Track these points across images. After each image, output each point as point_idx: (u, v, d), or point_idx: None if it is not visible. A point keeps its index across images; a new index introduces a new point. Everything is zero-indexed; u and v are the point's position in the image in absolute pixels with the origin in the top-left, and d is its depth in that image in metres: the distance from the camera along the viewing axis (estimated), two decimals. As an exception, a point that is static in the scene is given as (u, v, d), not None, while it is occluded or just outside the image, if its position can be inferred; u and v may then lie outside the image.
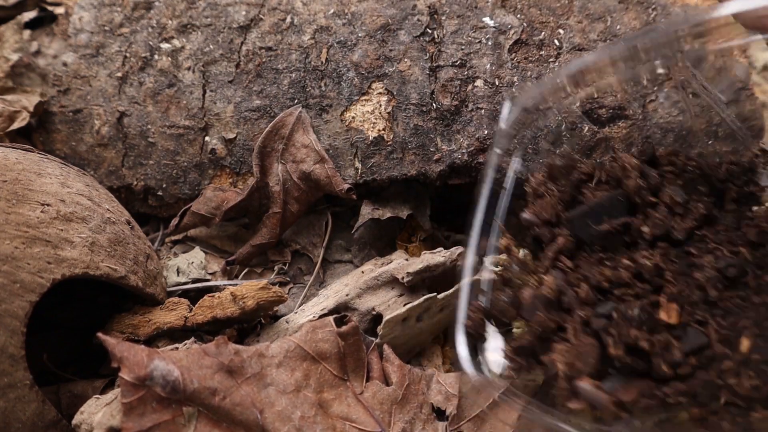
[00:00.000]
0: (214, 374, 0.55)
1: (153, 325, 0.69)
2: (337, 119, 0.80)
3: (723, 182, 0.63)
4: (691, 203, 0.61)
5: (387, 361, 0.65)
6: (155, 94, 0.83)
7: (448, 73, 0.78)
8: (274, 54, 0.82)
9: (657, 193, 0.61)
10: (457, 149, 0.77)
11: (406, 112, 0.78)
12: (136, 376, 0.52)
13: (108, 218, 0.70)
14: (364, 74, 0.80)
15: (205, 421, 0.54)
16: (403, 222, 0.84)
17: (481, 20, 0.80)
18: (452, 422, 0.63)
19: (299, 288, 0.83)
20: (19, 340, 0.57)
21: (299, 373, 0.59)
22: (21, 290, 0.57)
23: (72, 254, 0.62)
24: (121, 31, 0.85)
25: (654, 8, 0.79)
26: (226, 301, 0.69)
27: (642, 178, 0.61)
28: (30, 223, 0.61)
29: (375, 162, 0.79)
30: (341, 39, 0.81)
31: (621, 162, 0.62)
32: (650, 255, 0.58)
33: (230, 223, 0.87)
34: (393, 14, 0.81)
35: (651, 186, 0.61)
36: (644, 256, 0.58)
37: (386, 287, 0.74)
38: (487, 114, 0.77)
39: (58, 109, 0.85)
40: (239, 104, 0.81)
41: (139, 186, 0.84)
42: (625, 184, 0.61)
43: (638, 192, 0.60)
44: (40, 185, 0.65)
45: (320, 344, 0.61)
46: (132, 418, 0.51)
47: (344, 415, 0.59)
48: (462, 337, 0.61)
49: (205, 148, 0.82)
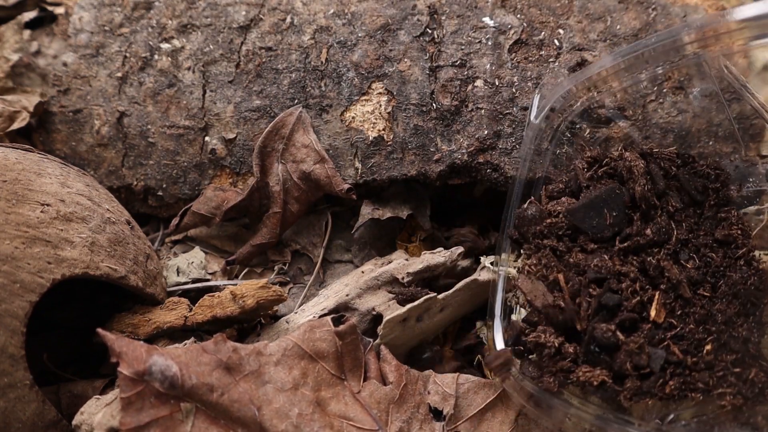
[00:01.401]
0: (213, 371, 0.55)
1: (153, 325, 0.69)
2: (337, 119, 0.80)
3: (703, 189, 0.65)
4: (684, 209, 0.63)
5: (384, 360, 0.65)
6: (155, 94, 0.83)
7: (448, 73, 0.78)
8: (274, 54, 0.82)
9: (660, 197, 0.62)
10: (457, 149, 0.77)
11: (406, 112, 0.78)
12: (135, 371, 0.52)
13: (108, 218, 0.70)
14: (364, 74, 0.80)
15: (203, 417, 0.54)
16: (403, 222, 0.83)
17: (481, 20, 0.80)
18: (449, 422, 0.63)
19: (299, 288, 0.83)
20: (19, 340, 0.57)
21: (297, 372, 0.59)
22: (21, 290, 0.58)
23: (72, 254, 0.62)
24: (121, 31, 0.85)
25: (654, 8, 0.79)
26: (225, 300, 0.69)
27: (648, 183, 0.62)
28: (30, 223, 0.61)
29: (375, 162, 0.79)
30: (341, 39, 0.81)
31: (628, 163, 0.62)
32: (655, 254, 0.60)
33: (230, 223, 0.87)
34: (393, 14, 0.81)
35: (656, 191, 0.62)
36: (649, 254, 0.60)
37: (386, 287, 0.74)
38: (487, 114, 0.77)
39: (58, 109, 0.85)
40: (239, 104, 0.81)
41: (139, 186, 0.84)
42: (631, 187, 0.62)
43: (643, 196, 0.61)
44: (40, 185, 0.65)
45: (318, 343, 0.61)
46: (130, 413, 0.51)
47: (342, 414, 0.59)
48: (499, 335, 0.63)
49: (205, 148, 0.82)
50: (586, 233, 0.62)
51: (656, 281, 0.59)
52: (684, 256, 0.61)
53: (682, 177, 0.64)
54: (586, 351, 0.57)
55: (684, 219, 0.63)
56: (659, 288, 0.59)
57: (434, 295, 0.71)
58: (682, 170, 0.65)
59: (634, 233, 0.61)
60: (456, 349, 0.77)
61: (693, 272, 0.60)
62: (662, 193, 0.63)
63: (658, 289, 0.59)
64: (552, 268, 0.61)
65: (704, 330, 0.58)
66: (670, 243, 0.61)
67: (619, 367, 0.55)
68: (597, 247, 0.62)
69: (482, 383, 0.66)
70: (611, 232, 0.62)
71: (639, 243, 0.60)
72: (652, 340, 0.56)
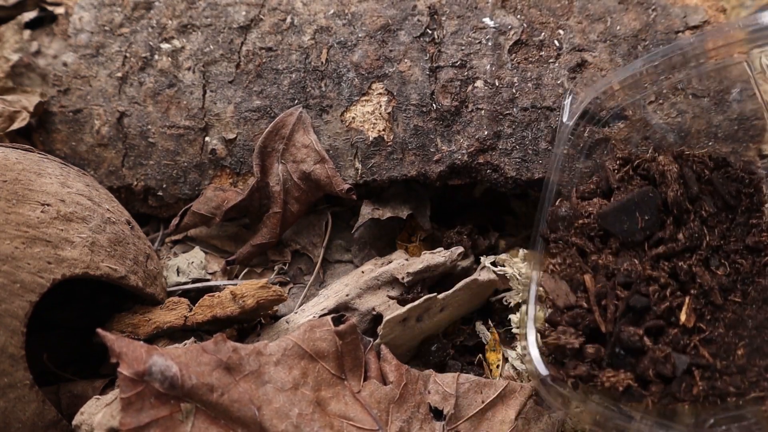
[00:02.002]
0: (213, 371, 0.55)
1: (153, 325, 0.69)
2: (338, 119, 0.80)
3: (736, 194, 0.64)
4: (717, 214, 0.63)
5: (384, 360, 0.65)
6: (155, 94, 0.83)
7: (448, 73, 0.78)
8: (274, 54, 0.82)
9: (693, 202, 0.62)
10: (457, 150, 0.77)
11: (406, 113, 0.79)
12: (135, 372, 0.52)
13: (108, 218, 0.70)
14: (364, 75, 0.80)
15: (203, 417, 0.54)
16: (403, 222, 0.84)
17: (481, 21, 0.80)
18: (449, 422, 0.63)
19: (299, 288, 0.83)
20: (19, 340, 0.57)
21: (297, 371, 0.59)
22: (21, 290, 0.58)
23: (72, 254, 0.62)
24: (121, 31, 0.85)
25: (654, 9, 0.79)
26: (225, 300, 0.69)
27: (681, 187, 0.61)
28: (30, 223, 0.61)
29: (375, 162, 0.79)
30: (341, 39, 0.81)
31: (661, 167, 0.62)
32: (686, 259, 0.60)
33: (230, 223, 0.87)
34: (393, 14, 0.81)
35: (690, 196, 0.62)
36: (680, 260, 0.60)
37: (386, 287, 0.74)
38: (487, 115, 0.77)
39: (58, 109, 0.85)
40: (239, 104, 0.81)
41: (139, 186, 0.84)
42: (663, 191, 0.61)
43: (676, 201, 0.61)
44: (40, 185, 0.65)
45: (318, 343, 0.61)
46: (130, 414, 0.51)
47: (342, 414, 0.59)
48: (532, 337, 0.62)
49: (206, 149, 0.82)
50: (616, 236, 0.62)
51: (686, 287, 0.59)
52: (715, 263, 0.61)
53: (716, 181, 0.64)
54: (611, 353, 0.56)
55: (716, 225, 0.62)
56: (689, 293, 0.58)
57: (434, 295, 0.71)
58: (715, 174, 0.64)
59: (666, 238, 0.60)
60: (456, 348, 0.77)
61: (723, 279, 0.59)
62: (695, 197, 0.62)
63: (688, 294, 0.58)
64: (577, 268, 0.61)
65: (735, 335, 0.57)
66: (702, 249, 0.60)
67: (642, 372, 0.55)
68: (627, 251, 0.61)
69: (482, 383, 0.66)
70: (643, 236, 0.61)
71: (672, 249, 0.60)
72: (678, 345, 0.56)
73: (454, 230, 0.81)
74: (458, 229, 0.81)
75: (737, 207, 0.64)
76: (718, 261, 0.61)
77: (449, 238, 0.80)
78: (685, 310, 0.57)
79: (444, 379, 0.66)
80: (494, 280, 0.76)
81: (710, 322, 0.58)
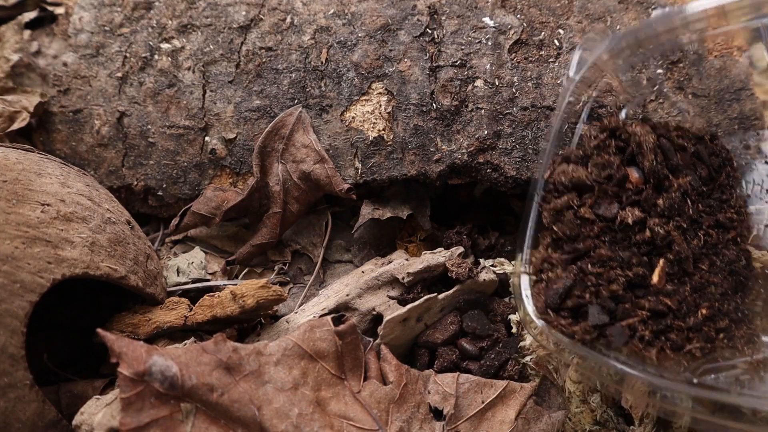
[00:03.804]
0: (213, 371, 0.55)
1: (153, 325, 0.69)
2: (337, 119, 0.80)
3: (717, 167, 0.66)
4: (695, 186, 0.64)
5: (384, 360, 0.65)
6: (155, 94, 0.83)
7: (448, 73, 0.78)
8: (274, 54, 0.82)
9: (673, 171, 0.63)
10: (457, 149, 0.77)
11: (406, 112, 0.79)
12: (135, 371, 0.52)
13: (108, 218, 0.70)
14: (364, 74, 0.80)
15: (203, 417, 0.54)
16: (403, 222, 0.84)
17: (481, 20, 0.80)
18: (449, 422, 0.63)
19: (299, 288, 0.83)
20: (19, 340, 0.57)
21: (297, 371, 0.59)
22: (21, 290, 0.57)
23: (72, 254, 0.62)
24: (121, 31, 0.85)
25: (654, 8, 0.79)
26: (225, 300, 0.69)
27: (660, 156, 0.62)
28: (30, 223, 0.61)
29: (375, 162, 0.79)
30: (341, 39, 0.81)
31: (637, 137, 0.62)
32: (662, 223, 0.61)
33: (230, 223, 0.87)
34: (393, 14, 0.81)
35: (669, 166, 0.62)
36: (656, 224, 0.61)
37: (386, 287, 0.74)
38: (487, 114, 0.77)
39: (58, 109, 0.85)
40: (239, 104, 0.81)
41: (139, 186, 0.84)
42: (640, 161, 0.62)
43: (652, 170, 0.61)
44: (40, 185, 0.65)
45: (318, 343, 0.61)
46: (130, 414, 0.50)
47: (342, 414, 0.59)
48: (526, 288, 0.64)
49: (205, 148, 0.82)
50: None
51: (662, 251, 0.60)
52: (691, 234, 0.62)
53: (702, 152, 0.65)
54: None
55: (696, 198, 0.63)
56: (665, 257, 0.60)
57: (434, 295, 0.71)
58: (700, 146, 0.65)
59: (646, 205, 0.61)
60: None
61: (696, 249, 0.61)
62: (675, 167, 0.63)
63: (663, 257, 0.60)
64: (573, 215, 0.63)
65: (701, 297, 0.59)
66: (682, 218, 0.62)
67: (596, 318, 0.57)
68: None
69: (482, 383, 0.66)
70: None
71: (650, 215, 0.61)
72: (644, 298, 0.58)
73: (454, 230, 0.81)
74: (458, 229, 0.81)
75: (717, 180, 0.65)
76: (693, 233, 0.62)
77: (449, 238, 0.80)
78: (657, 271, 0.59)
79: (444, 379, 0.66)
80: (494, 280, 0.76)
81: (678, 283, 0.59)
